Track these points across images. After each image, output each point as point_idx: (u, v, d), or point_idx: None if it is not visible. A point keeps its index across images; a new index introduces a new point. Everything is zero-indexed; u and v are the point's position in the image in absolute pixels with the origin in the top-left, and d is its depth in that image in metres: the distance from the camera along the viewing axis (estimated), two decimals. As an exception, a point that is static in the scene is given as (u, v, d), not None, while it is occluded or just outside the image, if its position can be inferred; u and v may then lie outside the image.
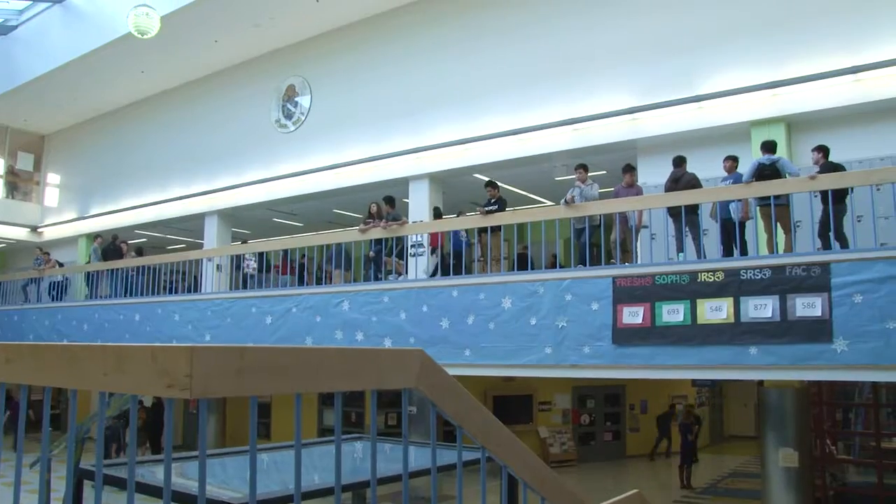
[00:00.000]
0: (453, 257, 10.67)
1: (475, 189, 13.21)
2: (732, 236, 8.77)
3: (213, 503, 2.51)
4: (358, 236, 11.47)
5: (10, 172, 23.08)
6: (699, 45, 10.64)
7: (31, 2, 18.37)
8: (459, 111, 12.82)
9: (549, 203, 15.00)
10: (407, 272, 11.57)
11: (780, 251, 8.26)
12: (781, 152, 9.25)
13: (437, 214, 12.36)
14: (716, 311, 7.79)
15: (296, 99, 15.49)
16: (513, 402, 16.07)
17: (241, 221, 17.67)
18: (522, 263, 12.71)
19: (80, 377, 2.24)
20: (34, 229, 22.27)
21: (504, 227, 11.03)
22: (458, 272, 10.24)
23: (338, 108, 14.72)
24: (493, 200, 10.89)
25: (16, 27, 19.30)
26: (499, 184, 11.41)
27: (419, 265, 11.32)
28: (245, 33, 15.36)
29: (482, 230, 10.48)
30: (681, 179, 9.08)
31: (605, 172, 12.17)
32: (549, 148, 11.85)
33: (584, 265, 9.31)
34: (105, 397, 2.15)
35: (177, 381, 1.71)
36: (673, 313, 8.06)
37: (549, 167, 12.95)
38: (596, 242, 9.44)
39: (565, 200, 9.66)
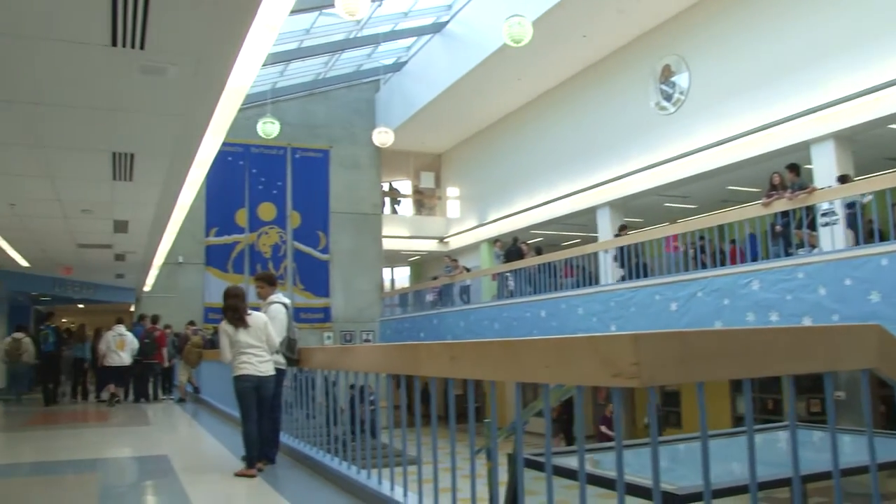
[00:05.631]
0: None
1: (893, 144, 11.52)
2: None
3: (665, 494, 2.45)
4: (761, 211, 10.72)
5: (416, 192, 26.63)
6: None
7: (415, 37, 20.71)
8: (862, 55, 11.24)
9: None
10: (820, 244, 10.50)
11: None
12: None
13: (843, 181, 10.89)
14: None
15: (672, 79, 15.07)
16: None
17: (632, 210, 17.65)
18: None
19: (522, 370, 2.35)
20: (441, 240, 24.98)
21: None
22: None
23: (718, 80, 13.95)
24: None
25: (406, 63, 22.27)
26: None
27: (835, 235, 10.19)
28: (611, 22, 15.37)
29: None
30: None
31: None
32: None
33: None
34: (547, 389, 2.22)
35: (623, 370, 1.68)
36: None
37: None
38: None
39: None
